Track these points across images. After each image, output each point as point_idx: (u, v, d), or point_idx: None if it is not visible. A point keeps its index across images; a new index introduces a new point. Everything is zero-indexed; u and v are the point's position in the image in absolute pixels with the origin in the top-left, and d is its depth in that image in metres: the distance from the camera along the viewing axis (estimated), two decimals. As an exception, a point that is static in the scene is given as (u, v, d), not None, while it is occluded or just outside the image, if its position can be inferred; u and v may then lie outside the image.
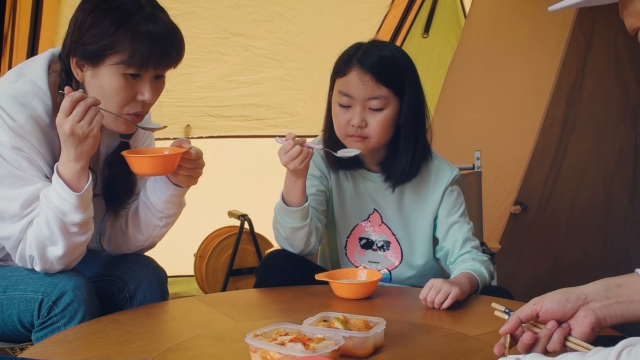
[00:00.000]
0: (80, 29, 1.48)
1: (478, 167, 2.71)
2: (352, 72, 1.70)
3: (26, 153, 1.48)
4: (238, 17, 3.85)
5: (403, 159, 1.76)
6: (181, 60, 1.57)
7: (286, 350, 1.08)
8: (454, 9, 4.36)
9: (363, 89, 1.69)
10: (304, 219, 1.71)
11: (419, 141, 1.77)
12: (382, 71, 1.70)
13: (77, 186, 1.46)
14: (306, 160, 1.66)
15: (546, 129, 3.05)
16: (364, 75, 1.68)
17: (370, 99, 1.69)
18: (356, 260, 1.87)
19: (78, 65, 1.51)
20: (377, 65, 1.69)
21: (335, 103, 1.74)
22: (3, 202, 1.48)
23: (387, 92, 1.70)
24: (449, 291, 1.50)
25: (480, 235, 2.59)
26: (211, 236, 3.91)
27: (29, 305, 1.48)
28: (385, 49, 1.76)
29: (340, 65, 1.74)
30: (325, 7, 4.03)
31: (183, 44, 1.55)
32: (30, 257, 1.50)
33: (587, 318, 1.05)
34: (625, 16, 1.02)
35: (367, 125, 1.71)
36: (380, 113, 1.71)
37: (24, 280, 1.51)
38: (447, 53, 4.14)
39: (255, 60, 4.04)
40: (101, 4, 1.48)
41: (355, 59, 1.71)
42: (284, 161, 1.66)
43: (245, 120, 4.23)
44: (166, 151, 1.58)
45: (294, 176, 1.69)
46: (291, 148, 1.65)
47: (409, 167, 1.76)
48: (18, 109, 1.48)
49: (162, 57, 1.51)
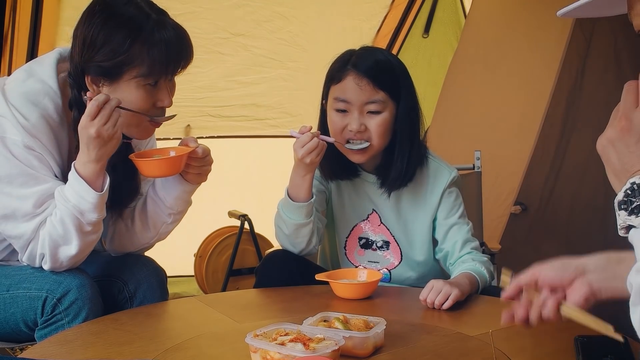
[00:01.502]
0: (92, 47, 1.47)
1: (478, 167, 2.71)
2: (348, 77, 1.69)
3: (37, 152, 1.48)
4: (238, 17, 3.85)
5: (398, 163, 1.75)
6: (192, 58, 1.59)
7: (286, 350, 1.08)
8: (454, 9, 4.36)
9: (360, 93, 1.68)
10: (309, 216, 1.71)
11: (414, 146, 1.76)
12: (379, 75, 1.69)
13: (95, 186, 1.47)
14: (322, 153, 1.67)
15: (546, 129, 3.05)
16: (361, 79, 1.67)
17: (368, 103, 1.69)
18: (356, 260, 1.87)
19: (94, 82, 1.50)
20: (373, 69, 1.69)
21: (331, 110, 1.73)
22: (15, 201, 1.48)
23: (384, 95, 1.70)
24: (449, 292, 1.50)
25: (480, 235, 2.59)
26: (211, 236, 3.91)
27: (32, 303, 1.48)
28: (379, 54, 1.76)
29: (334, 71, 1.73)
30: (326, 7, 4.03)
31: (191, 43, 1.58)
32: (40, 255, 1.50)
33: (582, 289, 1.06)
34: (634, 16, 1.00)
35: (367, 129, 1.70)
36: (379, 116, 1.70)
37: (28, 279, 1.52)
38: (447, 53, 4.14)
39: (256, 60, 4.04)
40: (109, 19, 1.47)
41: (350, 64, 1.70)
42: (301, 154, 1.65)
43: (245, 120, 4.24)
44: (172, 152, 1.59)
45: (304, 171, 1.69)
46: (309, 141, 1.65)
47: (404, 172, 1.75)
48: (30, 107, 1.49)
49: (178, 62, 1.53)
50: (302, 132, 1.67)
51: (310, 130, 1.67)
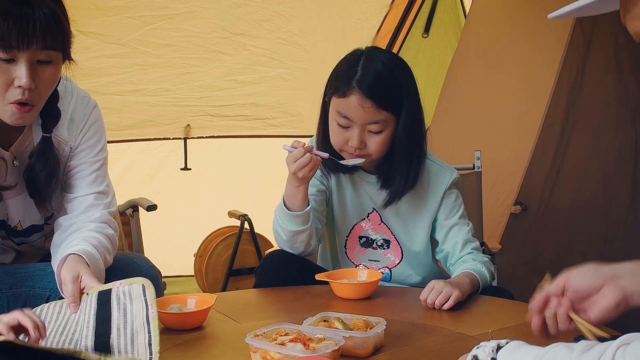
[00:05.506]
0: None
1: (478, 167, 2.71)
2: (352, 95, 1.66)
3: None
4: (238, 17, 3.85)
5: (397, 175, 1.75)
6: (64, 43, 1.41)
7: (286, 350, 1.08)
8: (454, 9, 4.36)
9: (363, 114, 1.66)
10: (305, 223, 1.71)
11: (415, 156, 1.75)
12: (383, 95, 1.66)
13: None
14: (315, 168, 1.66)
15: (546, 129, 3.05)
16: (365, 101, 1.65)
17: (370, 123, 1.68)
18: (356, 258, 1.87)
19: None
20: (377, 90, 1.65)
21: (333, 120, 1.72)
22: None
23: (387, 115, 1.68)
24: (450, 293, 1.50)
25: (480, 235, 2.59)
26: (211, 236, 3.92)
27: (35, 301, 1.47)
28: (385, 69, 1.68)
29: (339, 84, 1.69)
30: (325, 7, 4.03)
31: (54, 22, 1.36)
32: None
33: (614, 293, 1.03)
34: (628, 21, 0.99)
35: (366, 146, 1.70)
36: (380, 135, 1.69)
37: (31, 277, 1.51)
38: (447, 53, 4.14)
39: (255, 59, 4.04)
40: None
41: (355, 81, 1.66)
42: (293, 169, 1.64)
43: (245, 120, 4.24)
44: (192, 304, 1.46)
45: (298, 182, 1.68)
46: (301, 156, 1.64)
47: (403, 184, 1.75)
48: None
49: (23, 36, 1.33)
50: (294, 146, 1.65)
51: (303, 146, 1.65)
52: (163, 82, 3.91)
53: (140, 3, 3.59)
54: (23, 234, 1.62)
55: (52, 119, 1.52)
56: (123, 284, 1.22)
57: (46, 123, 1.52)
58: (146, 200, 3.03)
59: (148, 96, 3.92)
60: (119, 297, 1.20)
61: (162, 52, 3.79)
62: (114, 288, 1.22)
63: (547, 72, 3.09)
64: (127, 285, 1.21)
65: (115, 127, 3.83)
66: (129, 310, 1.17)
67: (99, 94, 3.06)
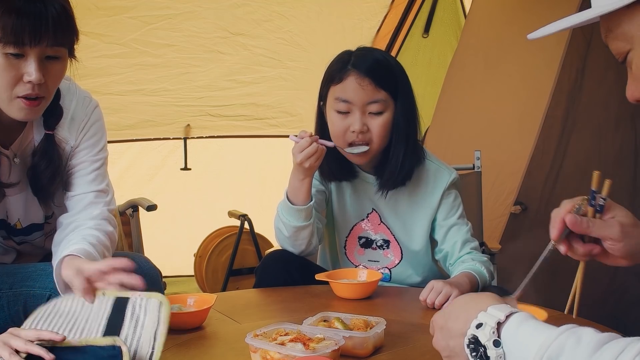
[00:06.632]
0: None
1: (478, 167, 2.71)
2: (349, 77, 1.69)
3: None
4: (238, 17, 3.86)
5: (392, 161, 1.75)
6: (72, 39, 1.43)
7: (286, 350, 1.08)
8: (454, 9, 4.36)
9: (363, 93, 1.68)
10: (308, 219, 1.71)
11: (409, 145, 1.76)
12: (380, 74, 1.69)
13: None
14: (321, 157, 1.67)
15: (546, 129, 3.05)
16: (363, 79, 1.67)
17: (369, 103, 1.69)
18: (356, 259, 1.87)
19: None
20: (374, 69, 1.69)
21: (332, 111, 1.73)
22: None
23: (386, 95, 1.70)
24: (449, 293, 1.50)
25: (480, 235, 2.59)
26: (211, 236, 3.92)
27: (36, 301, 1.47)
28: (378, 54, 1.76)
29: (334, 72, 1.72)
30: (325, 7, 4.03)
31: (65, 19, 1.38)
32: None
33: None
34: (610, 40, 0.99)
35: (369, 129, 1.70)
36: (381, 117, 1.70)
37: (31, 277, 1.51)
38: (447, 53, 4.15)
39: (255, 59, 4.04)
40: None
41: (351, 64, 1.70)
42: (300, 159, 1.65)
43: (245, 120, 4.24)
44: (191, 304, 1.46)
45: (303, 174, 1.69)
46: (308, 145, 1.64)
47: (398, 170, 1.75)
48: None
49: (35, 33, 1.34)
50: (302, 136, 1.67)
51: (309, 135, 1.66)
52: (163, 82, 3.91)
53: (140, 3, 3.59)
54: (23, 233, 1.62)
55: (54, 117, 1.54)
56: (142, 296, 1.23)
57: (48, 121, 1.53)
58: (146, 200, 3.03)
59: (148, 96, 3.92)
60: (135, 308, 1.20)
61: (162, 52, 3.79)
62: (132, 298, 1.23)
63: (547, 72, 3.09)
64: (145, 298, 1.22)
65: (115, 127, 3.83)
66: (140, 322, 1.18)
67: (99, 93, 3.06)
